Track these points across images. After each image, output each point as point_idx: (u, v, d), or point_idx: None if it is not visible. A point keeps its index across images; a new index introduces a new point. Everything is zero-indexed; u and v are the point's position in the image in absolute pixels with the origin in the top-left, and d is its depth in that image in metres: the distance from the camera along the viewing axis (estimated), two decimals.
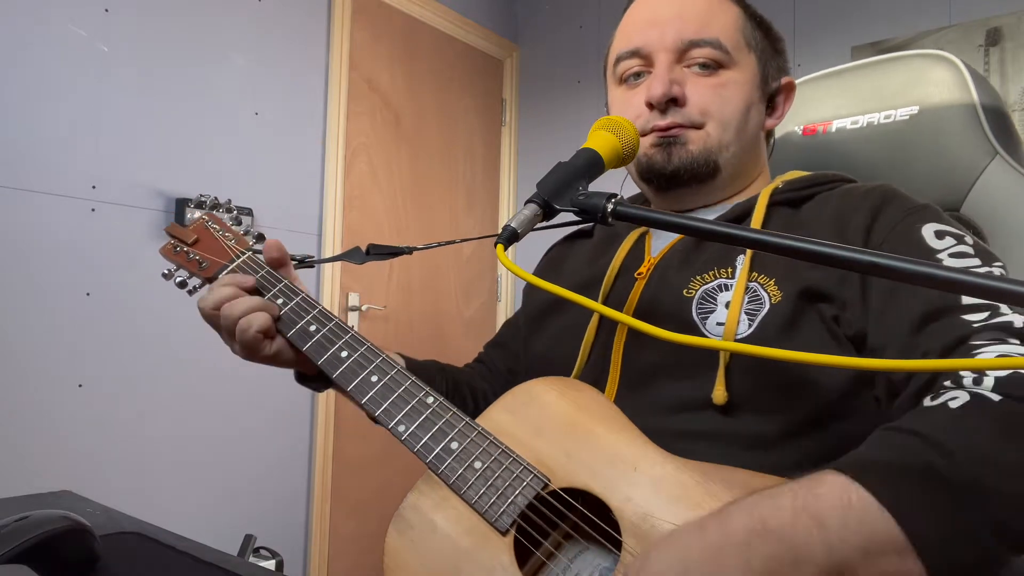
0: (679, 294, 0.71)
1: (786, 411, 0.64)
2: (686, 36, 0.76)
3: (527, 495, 0.61)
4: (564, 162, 0.67)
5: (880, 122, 0.95)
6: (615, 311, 0.56)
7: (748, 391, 0.65)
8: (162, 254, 0.87)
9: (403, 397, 0.70)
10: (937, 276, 0.42)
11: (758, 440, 0.64)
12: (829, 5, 2.33)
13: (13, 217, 1.59)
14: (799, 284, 0.66)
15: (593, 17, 2.88)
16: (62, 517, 0.54)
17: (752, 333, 0.65)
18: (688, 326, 0.69)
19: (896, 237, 0.66)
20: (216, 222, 0.88)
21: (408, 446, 0.67)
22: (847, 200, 0.71)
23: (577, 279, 0.83)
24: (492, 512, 0.61)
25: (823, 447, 0.63)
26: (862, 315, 0.64)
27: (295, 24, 2.21)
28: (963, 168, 0.89)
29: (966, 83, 0.90)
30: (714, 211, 0.80)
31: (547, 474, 0.62)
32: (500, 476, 0.63)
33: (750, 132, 0.78)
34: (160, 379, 1.84)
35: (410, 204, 2.60)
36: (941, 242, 0.64)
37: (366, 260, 0.89)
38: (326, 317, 0.76)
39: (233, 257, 0.83)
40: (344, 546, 2.28)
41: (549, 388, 0.68)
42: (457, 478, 0.64)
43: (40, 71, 1.64)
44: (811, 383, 0.64)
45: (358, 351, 0.73)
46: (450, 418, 0.67)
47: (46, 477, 1.61)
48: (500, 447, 0.64)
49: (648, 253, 0.79)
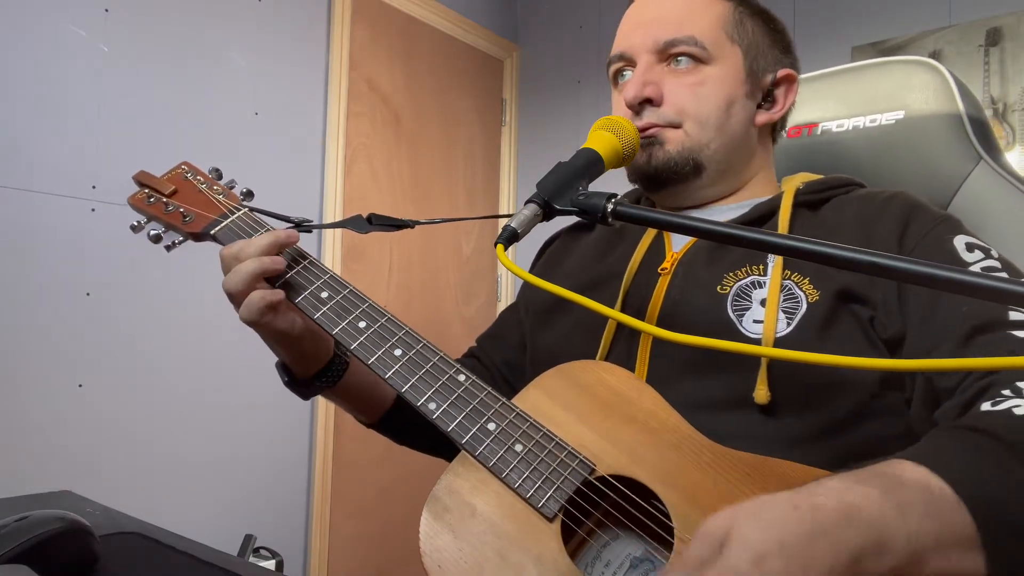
0: (712, 291, 0.71)
1: (823, 410, 0.64)
2: (664, 36, 0.76)
3: (574, 481, 0.59)
4: (564, 162, 0.67)
5: (866, 126, 0.96)
6: (626, 316, 0.55)
7: (788, 390, 0.65)
8: (131, 203, 0.77)
9: (432, 373, 0.64)
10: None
11: (799, 439, 0.64)
12: (829, 5, 2.33)
13: (13, 217, 1.59)
14: (835, 284, 0.66)
15: (593, 17, 2.88)
16: (62, 517, 0.54)
17: (791, 332, 0.66)
18: (723, 324, 0.68)
19: (927, 245, 0.67)
20: (197, 173, 0.79)
21: (440, 425, 0.62)
22: (868, 206, 0.72)
23: (586, 276, 0.82)
24: (537, 497, 0.58)
25: (855, 447, 0.63)
26: (898, 319, 0.65)
27: (295, 24, 2.21)
28: (948, 173, 0.90)
29: (951, 90, 0.91)
30: (730, 209, 0.80)
31: (591, 459, 0.60)
32: (543, 460, 0.60)
33: (733, 128, 0.77)
34: (160, 379, 1.84)
35: (410, 204, 2.60)
36: (971, 255, 0.65)
37: (369, 230, 0.84)
38: (339, 283, 0.69)
39: (226, 212, 0.75)
40: (344, 546, 2.28)
41: (586, 371, 0.66)
42: (498, 460, 0.60)
43: (40, 71, 1.64)
44: (847, 383, 0.64)
45: (378, 322, 0.67)
46: (485, 397, 0.63)
47: (46, 477, 1.61)
48: (541, 429, 0.62)
49: (669, 248, 0.78)
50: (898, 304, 0.65)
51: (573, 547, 0.61)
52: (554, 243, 0.96)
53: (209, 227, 0.74)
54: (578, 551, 0.61)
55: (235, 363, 1.96)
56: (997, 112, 2.04)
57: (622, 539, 0.61)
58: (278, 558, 1.98)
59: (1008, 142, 2.03)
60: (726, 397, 0.66)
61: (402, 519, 2.44)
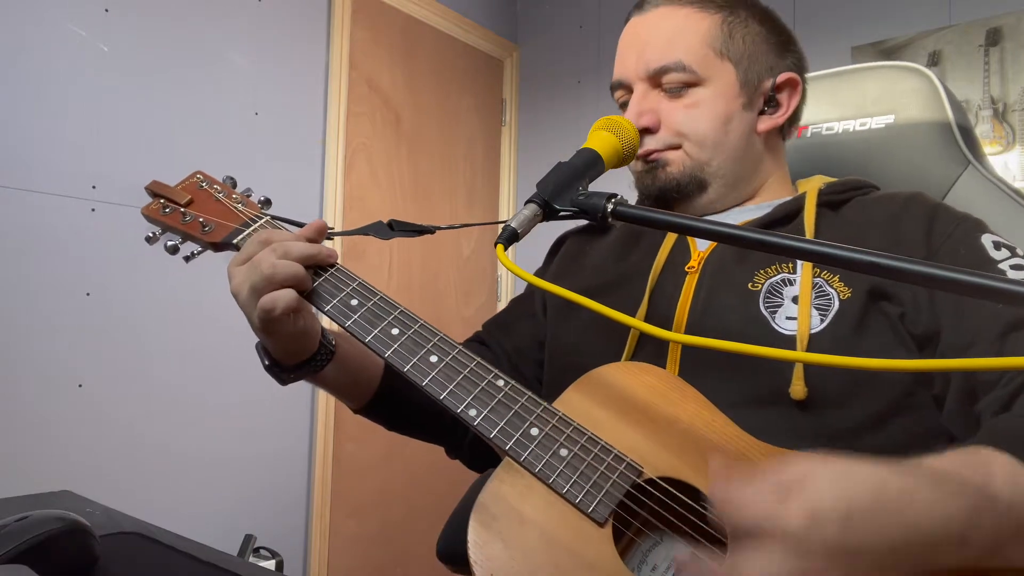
0: (744, 288, 0.71)
1: (860, 406, 0.65)
2: (652, 64, 0.78)
3: (622, 484, 0.58)
4: (564, 162, 0.67)
5: (856, 129, 0.97)
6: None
7: (825, 386, 0.65)
8: (145, 214, 0.76)
9: (470, 379, 0.64)
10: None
11: (838, 434, 0.64)
12: (829, 5, 2.33)
13: (13, 217, 1.59)
14: (866, 282, 0.67)
15: (593, 17, 2.88)
16: (62, 517, 0.54)
17: (824, 329, 0.66)
18: (756, 320, 0.69)
19: (954, 244, 0.68)
20: (212, 182, 0.78)
21: (482, 432, 0.61)
22: (890, 207, 0.73)
23: (607, 276, 0.83)
24: (586, 502, 0.57)
25: (892, 443, 0.63)
26: (929, 315, 0.65)
27: (295, 24, 2.20)
28: (937, 177, 0.92)
29: (940, 96, 0.93)
30: (750, 211, 0.81)
31: (639, 461, 0.59)
32: (590, 464, 0.59)
33: (733, 142, 0.79)
34: (160, 379, 1.84)
35: (410, 204, 2.60)
36: (999, 253, 0.66)
37: (391, 236, 0.84)
38: (368, 291, 0.68)
39: (247, 220, 0.74)
40: (344, 546, 2.28)
41: (624, 372, 0.65)
42: (543, 466, 0.59)
43: (40, 71, 1.64)
44: (882, 379, 0.65)
45: (412, 328, 0.67)
46: (526, 402, 0.62)
47: (46, 477, 1.61)
48: (586, 433, 0.61)
49: (694, 247, 0.79)
50: (928, 300, 0.66)
51: (620, 550, 0.60)
52: (566, 242, 0.96)
53: (231, 236, 0.73)
54: (624, 554, 0.60)
55: (235, 363, 1.95)
56: (997, 112, 2.04)
57: (667, 540, 0.60)
58: (278, 558, 1.98)
59: (1008, 142, 2.03)
60: (762, 393, 0.66)
61: (402, 519, 2.44)
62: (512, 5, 3.10)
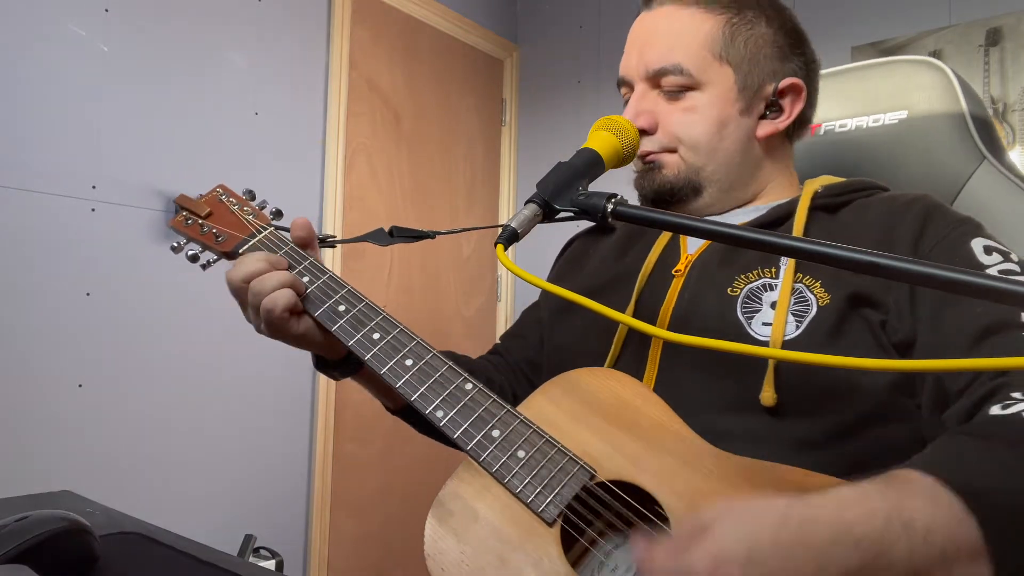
0: (723, 292, 0.71)
1: (831, 414, 0.64)
2: (652, 65, 0.78)
3: (574, 486, 0.60)
4: (564, 162, 0.67)
5: (869, 125, 0.96)
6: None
7: (796, 393, 0.65)
8: (172, 226, 0.84)
9: (440, 382, 0.67)
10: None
11: (805, 443, 0.64)
12: (829, 5, 2.33)
13: (13, 217, 1.59)
14: (847, 288, 0.66)
15: (593, 17, 2.88)
16: (62, 517, 0.54)
17: (799, 335, 0.65)
18: (732, 325, 0.69)
19: (944, 248, 0.66)
20: (231, 195, 0.85)
21: (447, 432, 0.65)
22: (890, 208, 0.72)
23: (603, 276, 0.83)
24: (537, 502, 0.60)
25: (864, 452, 0.63)
26: (910, 321, 0.65)
27: (295, 24, 2.20)
28: (952, 172, 0.90)
29: (955, 90, 0.91)
30: (747, 212, 0.80)
31: (593, 465, 0.61)
32: (544, 466, 0.61)
33: (728, 149, 0.78)
34: (160, 379, 1.84)
35: (410, 204, 2.60)
36: (989, 257, 0.65)
37: (390, 243, 0.87)
38: (355, 297, 0.73)
39: (253, 231, 0.80)
40: (344, 546, 2.28)
41: (592, 378, 0.67)
42: (500, 467, 0.62)
43: (40, 71, 1.64)
44: (855, 387, 0.64)
45: (391, 333, 0.71)
46: (490, 406, 0.65)
47: (46, 477, 1.61)
48: (544, 436, 0.63)
49: (684, 250, 0.79)
50: (909, 307, 0.65)
51: (578, 553, 0.61)
52: (574, 244, 0.96)
53: (238, 246, 0.79)
54: (583, 557, 0.62)
55: (235, 363, 1.95)
56: (997, 112, 2.04)
57: (627, 545, 0.62)
58: (278, 558, 1.98)
59: (1008, 142, 2.03)
60: (733, 399, 0.66)
61: (402, 518, 2.44)
62: (512, 5, 3.10)
